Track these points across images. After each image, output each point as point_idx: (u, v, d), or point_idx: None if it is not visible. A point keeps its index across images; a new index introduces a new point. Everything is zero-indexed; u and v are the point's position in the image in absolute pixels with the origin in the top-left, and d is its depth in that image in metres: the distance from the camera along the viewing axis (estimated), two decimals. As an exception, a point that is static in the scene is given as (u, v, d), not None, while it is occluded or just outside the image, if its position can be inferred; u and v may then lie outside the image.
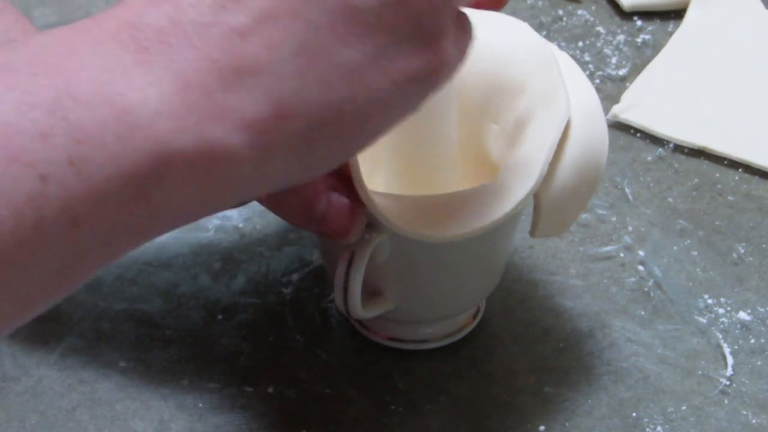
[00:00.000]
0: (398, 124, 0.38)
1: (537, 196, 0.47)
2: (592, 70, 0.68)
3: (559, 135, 0.47)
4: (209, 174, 0.34)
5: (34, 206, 0.31)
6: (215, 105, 0.33)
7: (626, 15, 0.71)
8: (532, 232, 0.49)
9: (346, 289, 0.47)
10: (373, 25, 0.35)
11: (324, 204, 0.46)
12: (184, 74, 0.33)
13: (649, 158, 0.63)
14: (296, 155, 0.35)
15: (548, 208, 0.48)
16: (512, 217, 0.47)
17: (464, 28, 0.40)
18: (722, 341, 0.54)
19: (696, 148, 0.63)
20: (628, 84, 0.67)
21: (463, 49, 0.39)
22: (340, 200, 0.46)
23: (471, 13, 0.41)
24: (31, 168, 0.31)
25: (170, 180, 0.33)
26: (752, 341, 0.54)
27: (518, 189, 0.46)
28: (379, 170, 0.52)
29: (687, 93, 0.66)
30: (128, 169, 0.32)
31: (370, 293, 0.50)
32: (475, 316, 0.54)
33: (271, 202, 0.47)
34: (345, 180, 0.45)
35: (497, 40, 0.50)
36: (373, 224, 0.46)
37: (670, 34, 0.70)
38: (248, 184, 0.35)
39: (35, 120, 0.31)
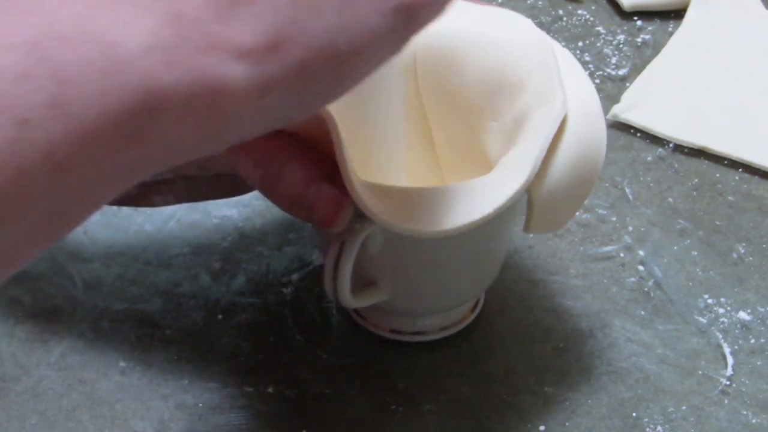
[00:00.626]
0: (384, 61, 0.38)
1: (530, 191, 0.47)
2: (592, 70, 0.68)
3: (552, 132, 0.47)
4: (205, 109, 0.32)
5: (15, 153, 0.29)
6: (209, 36, 0.32)
7: (626, 15, 0.71)
8: (526, 227, 0.49)
9: (335, 278, 0.47)
10: None
11: (314, 191, 0.45)
12: (176, 6, 0.32)
13: (649, 158, 0.63)
14: (293, 88, 0.34)
15: (541, 204, 0.48)
16: (506, 213, 0.47)
17: None
18: (722, 341, 0.54)
19: (696, 148, 0.63)
20: (628, 84, 0.67)
21: None
22: (329, 189, 0.45)
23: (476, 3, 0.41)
24: (9, 112, 0.29)
25: (164, 117, 0.31)
26: (752, 341, 0.54)
27: (510, 184, 0.46)
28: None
29: (687, 93, 0.66)
30: (117, 107, 0.30)
31: (364, 283, 0.50)
32: (473, 309, 0.54)
33: (264, 185, 0.46)
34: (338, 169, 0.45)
35: (500, 37, 0.50)
36: (364, 215, 0.46)
37: (670, 34, 0.70)
38: (247, 119, 0.34)
39: (13, 62, 0.29)
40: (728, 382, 0.53)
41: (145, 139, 0.31)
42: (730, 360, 0.54)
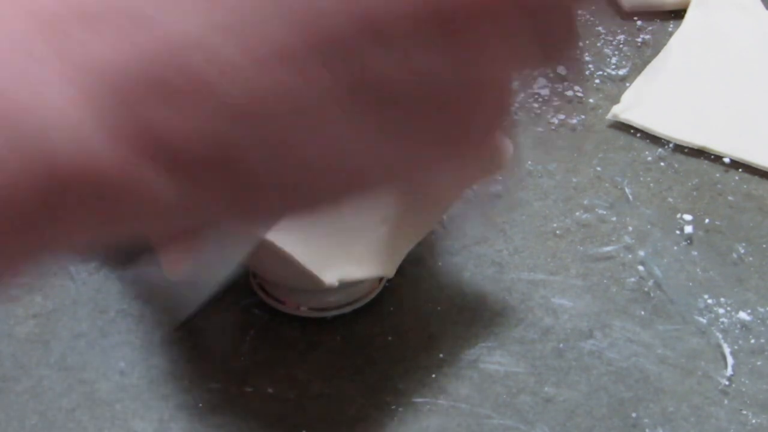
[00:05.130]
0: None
1: None
2: (592, 70, 0.68)
3: None
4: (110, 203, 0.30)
5: None
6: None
7: (626, 15, 0.71)
8: None
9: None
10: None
11: None
12: (94, 90, 0.30)
13: (649, 158, 0.63)
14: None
15: None
16: None
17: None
18: (722, 341, 0.54)
19: (696, 148, 0.63)
20: (628, 84, 0.67)
21: None
22: None
23: None
24: None
25: (66, 197, 0.30)
26: (752, 341, 0.54)
27: None
28: None
29: (687, 93, 0.66)
30: (24, 180, 0.29)
31: None
32: (380, 281, 0.55)
33: None
34: None
35: None
36: None
37: (670, 34, 0.70)
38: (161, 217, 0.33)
39: None
40: (728, 382, 0.53)
41: (49, 215, 0.29)
42: (730, 360, 0.54)
